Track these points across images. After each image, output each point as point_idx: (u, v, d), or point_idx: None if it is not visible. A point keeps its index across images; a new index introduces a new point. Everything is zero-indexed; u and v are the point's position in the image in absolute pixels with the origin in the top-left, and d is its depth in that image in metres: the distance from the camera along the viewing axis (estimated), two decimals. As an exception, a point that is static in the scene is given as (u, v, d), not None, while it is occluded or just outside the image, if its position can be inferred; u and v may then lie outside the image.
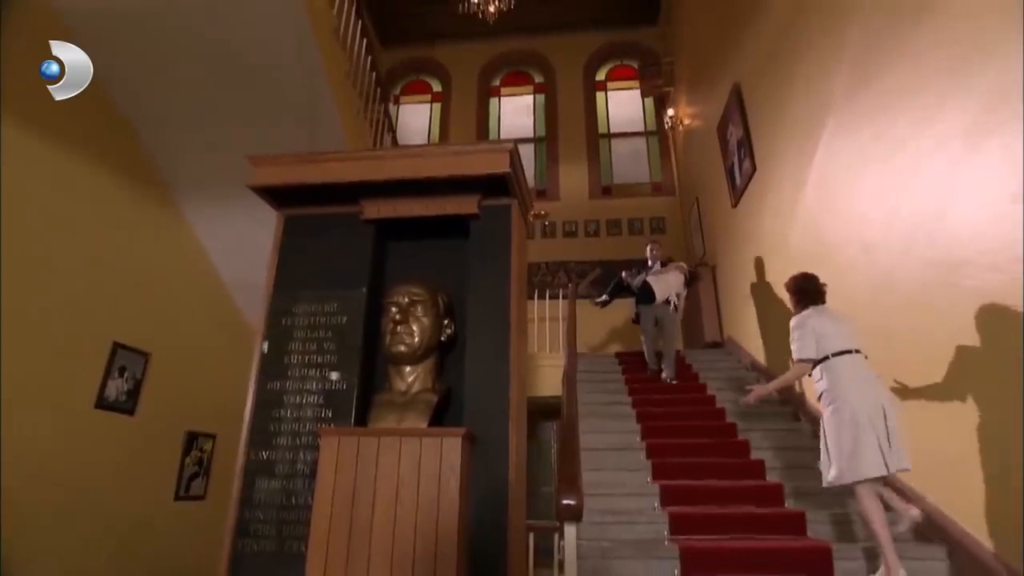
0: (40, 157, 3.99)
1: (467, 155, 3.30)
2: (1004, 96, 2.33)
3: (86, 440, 4.30)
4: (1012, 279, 2.30)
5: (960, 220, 2.66)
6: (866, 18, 3.47)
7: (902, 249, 3.15)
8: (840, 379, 2.87)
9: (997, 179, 2.41)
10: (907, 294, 3.11)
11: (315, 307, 3.21)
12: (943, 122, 2.77)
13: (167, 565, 4.95)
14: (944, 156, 2.77)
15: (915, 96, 3.02)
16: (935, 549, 2.82)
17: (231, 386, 5.86)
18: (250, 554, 2.82)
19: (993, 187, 2.44)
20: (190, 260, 5.45)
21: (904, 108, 3.14)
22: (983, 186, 2.51)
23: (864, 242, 3.54)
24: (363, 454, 2.60)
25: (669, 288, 5.52)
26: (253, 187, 3.23)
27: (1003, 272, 2.36)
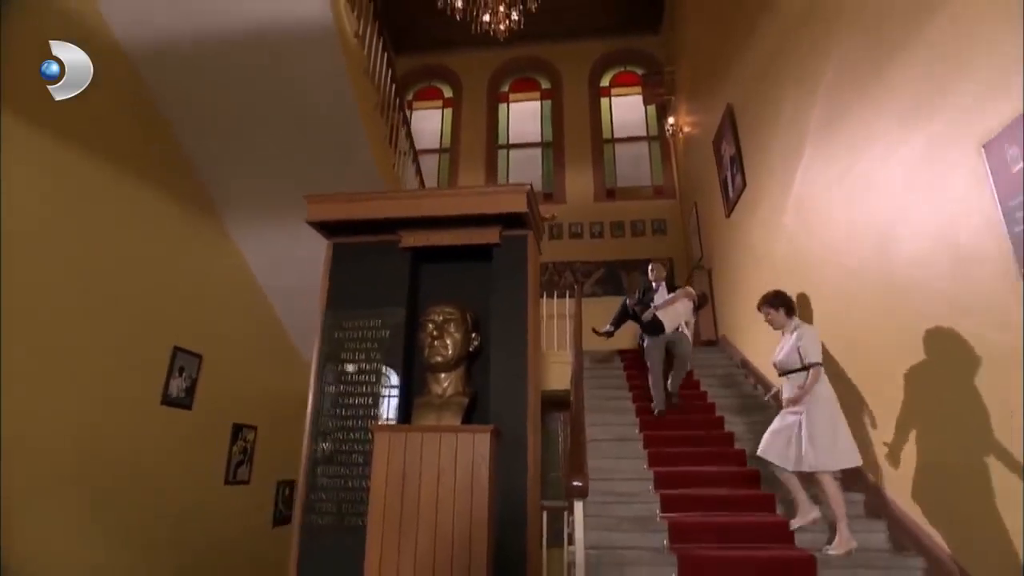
0: (112, 188, 4.56)
1: (491, 195, 3.91)
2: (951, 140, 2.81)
3: (154, 432, 4.92)
4: (948, 301, 2.84)
5: (908, 246, 3.19)
6: (838, 64, 3.98)
7: (861, 269, 3.70)
8: (823, 382, 3.43)
9: (938, 213, 2.93)
10: (863, 310, 3.66)
11: (361, 323, 3.79)
12: (897, 163, 3.30)
13: (219, 538, 5.62)
14: (898, 191, 3.29)
15: (875, 138, 3.54)
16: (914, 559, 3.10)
17: (268, 383, 6.54)
18: (316, 527, 3.42)
19: (935, 219, 2.96)
20: (234, 272, 6.04)
21: (866, 148, 3.66)
22: (927, 219, 3.03)
23: (833, 261, 4.09)
24: (410, 447, 3.20)
25: (678, 317, 5.32)
26: (309, 222, 3.79)
27: (939, 293, 2.90)
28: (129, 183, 4.71)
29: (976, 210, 2.56)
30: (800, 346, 3.49)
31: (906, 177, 3.18)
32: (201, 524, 5.43)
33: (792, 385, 3.53)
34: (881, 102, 3.41)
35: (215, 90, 4.85)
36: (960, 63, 2.70)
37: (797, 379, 3.51)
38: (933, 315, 2.94)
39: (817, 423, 3.30)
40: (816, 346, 3.49)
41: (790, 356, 3.56)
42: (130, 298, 4.70)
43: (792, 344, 3.56)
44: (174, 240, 5.21)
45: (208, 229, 5.68)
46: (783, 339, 3.73)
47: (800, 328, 3.64)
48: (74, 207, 4.22)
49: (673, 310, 5.32)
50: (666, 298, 5.44)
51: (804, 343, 3.49)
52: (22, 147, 3.83)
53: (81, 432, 4.23)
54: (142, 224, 4.85)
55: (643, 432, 4.87)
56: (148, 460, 4.86)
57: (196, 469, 5.46)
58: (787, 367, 3.59)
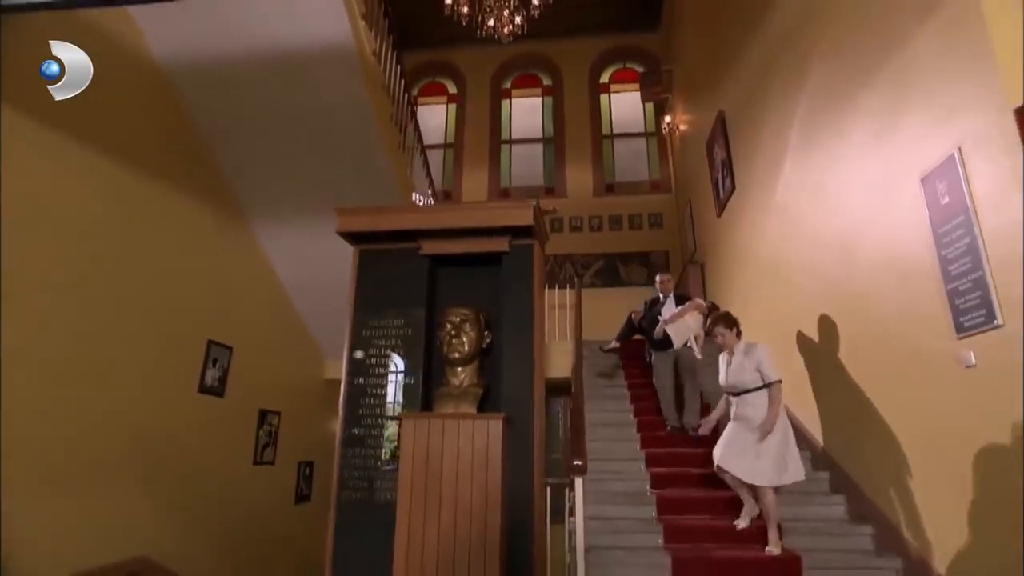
0: (152, 197, 5.00)
1: (502, 209, 4.40)
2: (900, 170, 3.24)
3: (192, 418, 5.41)
4: (897, 309, 3.30)
5: (866, 258, 3.64)
6: (814, 88, 4.40)
7: (828, 276, 4.15)
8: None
9: (888, 232, 3.37)
10: (831, 311, 4.13)
11: (386, 322, 4.27)
12: (858, 184, 3.73)
13: (250, 514, 6.15)
14: (858, 208, 3.74)
15: (843, 159, 3.97)
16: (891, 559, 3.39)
17: (289, 371, 7.03)
18: (350, 501, 3.93)
19: (886, 237, 3.41)
20: (258, 269, 6.50)
21: (834, 167, 4.10)
22: (880, 236, 3.47)
23: (807, 267, 4.54)
24: (432, 432, 3.70)
25: (687, 332, 5.10)
26: (339, 232, 4.23)
27: (890, 301, 3.36)
28: (165, 191, 5.16)
29: (916, 233, 3.01)
30: (760, 366, 3.60)
31: (864, 197, 3.63)
32: (234, 501, 5.96)
33: (747, 404, 3.63)
34: (849, 127, 3.84)
35: (243, 103, 5.27)
36: (909, 104, 3.13)
37: (755, 398, 3.60)
38: (885, 321, 3.41)
39: (774, 441, 3.48)
40: (774, 363, 3.63)
41: (747, 376, 3.64)
42: (169, 296, 5.17)
43: (745, 363, 3.65)
44: (205, 242, 5.66)
45: (235, 231, 6.13)
46: (730, 359, 3.79)
47: (755, 347, 3.71)
48: (118, 215, 4.68)
49: (683, 323, 5.06)
50: (674, 311, 5.19)
51: (764, 362, 3.60)
52: (73, 161, 4.27)
53: (132, 419, 4.73)
54: (177, 228, 5.29)
55: (637, 417, 5.36)
56: (188, 443, 5.37)
57: (229, 451, 5.98)
58: (745, 386, 3.66)
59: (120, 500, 4.59)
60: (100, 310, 4.46)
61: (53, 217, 4.11)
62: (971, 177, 2.61)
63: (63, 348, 4.14)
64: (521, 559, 3.61)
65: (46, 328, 4.02)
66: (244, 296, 6.25)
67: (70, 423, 4.17)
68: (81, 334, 4.28)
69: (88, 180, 4.39)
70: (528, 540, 3.66)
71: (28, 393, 3.85)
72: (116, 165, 4.61)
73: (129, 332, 4.71)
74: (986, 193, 2.54)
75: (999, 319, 2.47)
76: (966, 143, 2.65)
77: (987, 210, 2.54)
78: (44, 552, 3.94)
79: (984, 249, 2.54)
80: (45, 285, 4.02)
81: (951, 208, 2.73)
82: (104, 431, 4.46)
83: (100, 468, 4.42)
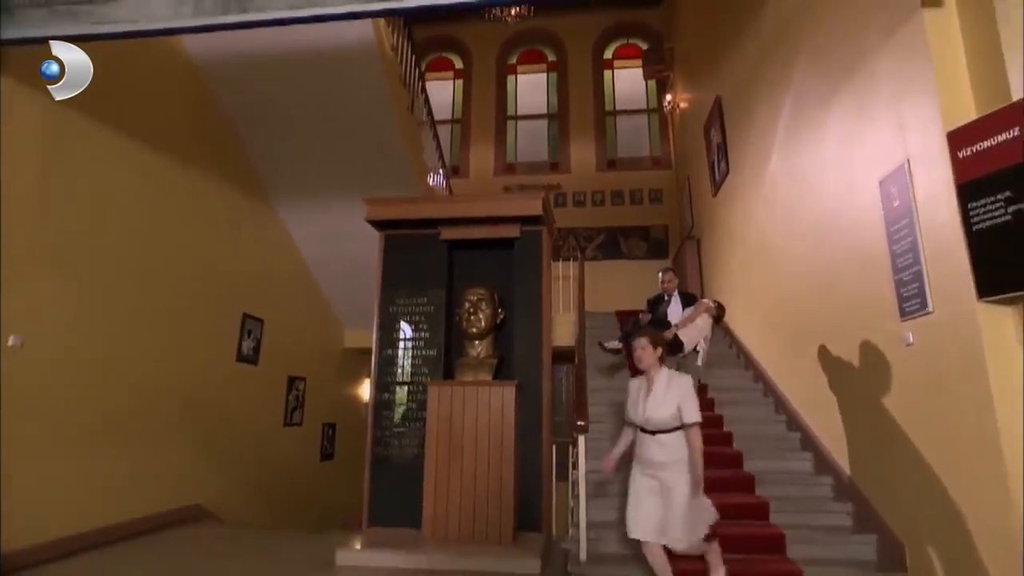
0: (195, 186, 5.47)
1: (513, 200, 4.90)
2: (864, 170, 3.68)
3: (232, 384, 6.00)
4: (860, 295, 3.79)
5: (837, 245, 4.11)
6: (798, 88, 4.80)
7: (806, 261, 4.64)
8: None
9: (853, 226, 3.84)
10: (809, 291, 4.63)
11: (410, 300, 4.79)
12: (831, 179, 4.18)
13: (283, 469, 6.83)
14: (830, 202, 4.20)
15: (820, 154, 4.41)
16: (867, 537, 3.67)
17: (313, 340, 7.59)
18: (382, 456, 4.52)
19: (851, 230, 3.87)
20: (283, 247, 7.00)
21: (812, 161, 4.54)
22: (846, 228, 3.94)
23: (790, 251, 5.02)
24: (455, 397, 4.26)
25: (698, 335, 5.02)
26: (368, 220, 4.72)
27: (854, 288, 3.85)
28: (202, 179, 5.63)
29: (874, 228, 3.48)
30: (682, 403, 2.99)
31: (836, 191, 4.08)
32: (269, 458, 6.60)
33: (660, 446, 3.02)
34: (825, 127, 4.26)
35: (271, 95, 5.69)
36: (872, 113, 3.55)
37: (670, 440, 3.01)
38: (848, 302, 3.91)
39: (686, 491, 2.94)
40: (696, 402, 3.02)
41: (666, 411, 3.01)
42: (209, 274, 5.69)
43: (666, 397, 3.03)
44: (237, 223, 6.15)
45: (262, 212, 6.62)
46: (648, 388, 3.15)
47: (679, 379, 3.10)
48: (164, 201, 5.17)
49: (694, 327, 4.98)
50: (684, 314, 5.11)
51: (688, 399, 3.00)
52: (125, 154, 4.73)
53: (183, 386, 5.30)
54: (212, 212, 5.78)
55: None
56: (229, 407, 5.97)
57: (263, 414, 6.59)
58: (662, 425, 3.02)
59: (175, 457, 5.20)
60: (153, 289, 4.98)
61: (114, 204, 4.60)
62: (916, 186, 3.08)
63: (124, 324, 4.68)
64: (532, 505, 4.22)
65: (109, 305, 4.55)
66: (272, 272, 6.77)
67: (130, 391, 4.74)
68: (136, 310, 4.81)
69: (139, 171, 4.86)
70: (537, 489, 4.27)
71: (94, 367, 4.41)
72: (160, 156, 5.07)
73: (177, 308, 5.24)
74: (925, 201, 3.01)
75: (930, 306, 2.97)
76: (913, 156, 3.10)
77: (925, 215, 3.01)
78: (117, 499, 4.56)
79: (922, 248, 3.02)
80: (108, 265, 4.53)
81: (900, 210, 3.20)
82: (159, 398, 5.03)
83: (158, 430, 5.02)
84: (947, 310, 2.87)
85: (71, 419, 4.19)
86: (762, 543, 3.70)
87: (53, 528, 3.97)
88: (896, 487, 3.43)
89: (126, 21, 3.23)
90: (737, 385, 5.76)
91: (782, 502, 4.03)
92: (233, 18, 3.15)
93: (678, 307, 5.24)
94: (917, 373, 3.13)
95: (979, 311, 2.64)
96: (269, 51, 5.26)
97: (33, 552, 3.76)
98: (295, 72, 5.45)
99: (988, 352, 2.59)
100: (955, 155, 2.75)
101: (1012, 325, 2.61)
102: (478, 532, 4.03)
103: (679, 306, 5.24)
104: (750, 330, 6.25)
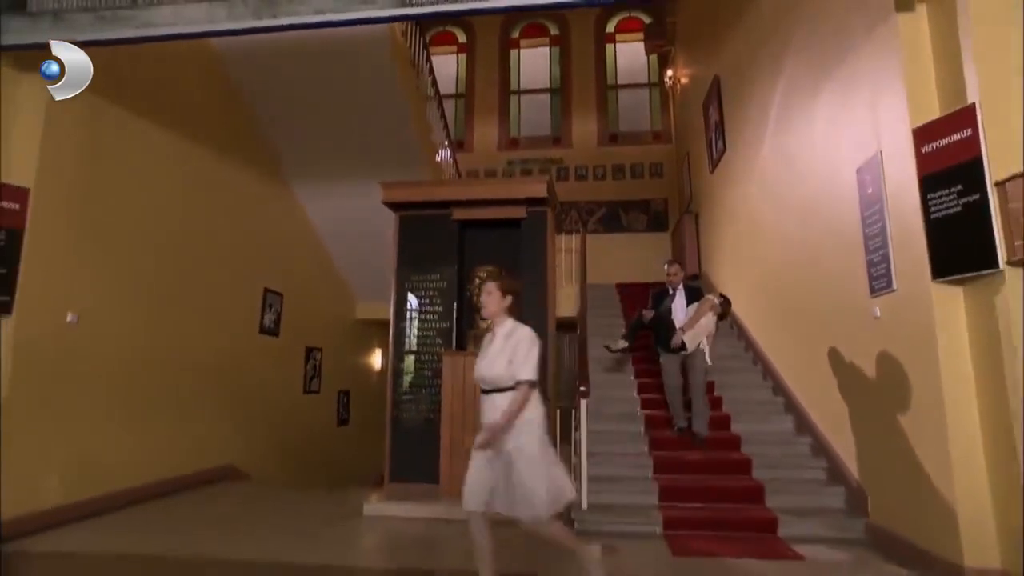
0: (215, 167, 5.78)
1: (520, 183, 5.23)
2: (844, 158, 3.99)
3: (257, 354, 6.43)
4: (840, 271, 4.13)
5: (819, 227, 4.45)
6: (789, 76, 5.06)
7: (793, 238, 4.97)
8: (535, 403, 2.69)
9: (833, 208, 4.17)
10: (793, 267, 4.98)
11: (425, 276, 5.17)
12: (817, 163, 4.49)
13: (304, 433, 7.31)
14: (815, 184, 4.51)
15: (811, 138, 4.70)
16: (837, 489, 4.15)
17: (327, 313, 7.99)
18: (402, 418, 4.95)
19: (832, 212, 4.20)
20: (299, 224, 7.34)
21: (802, 147, 4.83)
22: (828, 210, 4.27)
23: (779, 229, 5.35)
24: (468, 366, 4.63)
25: (701, 333, 4.86)
26: (384, 202, 5.06)
27: (834, 264, 4.20)
28: (224, 161, 5.94)
29: (851, 210, 3.80)
30: (514, 356, 2.61)
31: (821, 174, 4.39)
32: (291, 423, 7.08)
33: (495, 407, 2.62)
34: (814, 112, 4.54)
35: (288, 83, 5.97)
36: (852, 104, 3.84)
37: (503, 401, 2.60)
38: (828, 277, 4.27)
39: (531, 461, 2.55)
40: (533, 357, 2.61)
41: (500, 367, 2.63)
42: (232, 252, 6.06)
43: (502, 350, 2.66)
44: (256, 203, 6.49)
45: (279, 191, 6.95)
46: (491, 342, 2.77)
47: (518, 330, 2.71)
48: (192, 184, 5.50)
49: (699, 326, 4.85)
50: (688, 314, 4.92)
51: (520, 352, 2.61)
52: (156, 144, 5.04)
53: (213, 358, 5.73)
54: (234, 192, 6.11)
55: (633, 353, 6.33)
56: (255, 375, 6.40)
57: (284, 382, 7.04)
58: (499, 383, 2.63)
59: (209, 422, 5.65)
60: (185, 268, 5.34)
61: (149, 190, 4.93)
62: (886, 175, 3.40)
63: (160, 301, 5.06)
64: (537, 462, 4.64)
65: (148, 284, 4.93)
66: (289, 249, 7.12)
67: (168, 363, 5.15)
68: (171, 288, 5.19)
69: (171, 158, 5.18)
70: (542, 448, 4.69)
71: (134, 341, 4.81)
72: (188, 143, 5.37)
73: (206, 284, 5.62)
74: (893, 190, 3.33)
75: (894, 285, 3.33)
76: (885, 148, 3.42)
77: (893, 203, 3.34)
78: (162, 459, 5.02)
79: (889, 232, 3.36)
80: (145, 247, 4.89)
81: (873, 196, 3.53)
82: (194, 369, 5.45)
83: (193, 397, 5.45)
84: (908, 289, 3.22)
85: (121, 388, 4.63)
86: (744, 495, 4.14)
87: (111, 483, 4.43)
88: (862, 445, 3.85)
89: (165, 25, 3.52)
90: (729, 353, 6.15)
91: (764, 459, 4.47)
92: (265, 22, 3.44)
93: (683, 302, 5.05)
94: (882, 344, 3.51)
95: (933, 290, 3.00)
96: (287, 41, 5.50)
97: (93, 503, 4.23)
98: (310, 60, 5.70)
99: (938, 326, 2.96)
100: (919, 150, 3.07)
101: (960, 304, 2.97)
102: (489, 486, 4.47)
103: (684, 301, 5.05)
104: (742, 301, 6.60)
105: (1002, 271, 2.70)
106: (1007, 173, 2.69)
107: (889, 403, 3.47)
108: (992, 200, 2.74)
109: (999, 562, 2.73)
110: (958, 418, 2.89)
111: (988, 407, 2.84)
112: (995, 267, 2.71)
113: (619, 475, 4.49)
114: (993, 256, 2.71)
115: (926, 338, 3.04)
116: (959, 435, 2.89)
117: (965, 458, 2.87)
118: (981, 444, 2.85)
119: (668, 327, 4.93)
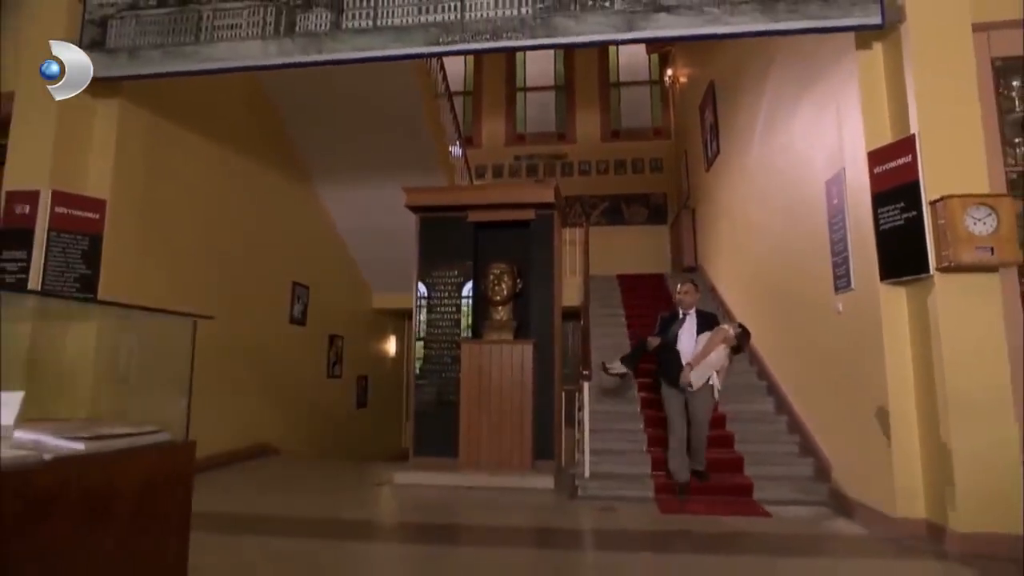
0: (248, 168, 6.34)
1: (529, 188, 5.79)
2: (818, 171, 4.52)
3: (288, 342, 7.03)
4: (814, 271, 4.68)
5: (799, 229, 4.99)
6: (774, 87, 5.56)
7: (775, 238, 5.51)
8: None
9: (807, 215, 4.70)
10: (777, 266, 5.53)
11: (444, 272, 5.72)
12: (795, 174, 5.02)
13: (328, 415, 7.94)
14: (793, 193, 5.04)
15: (792, 149, 5.22)
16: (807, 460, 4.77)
17: (347, 303, 8.58)
18: (423, 401, 5.53)
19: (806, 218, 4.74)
20: (322, 221, 7.91)
21: (783, 156, 5.35)
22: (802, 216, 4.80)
23: (765, 230, 5.89)
24: (483, 353, 5.24)
25: (709, 369, 4.19)
26: (407, 205, 5.61)
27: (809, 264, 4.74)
28: (256, 163, 6.49)
29: (821, 218, 4.35)
30: None
31: (798, 184, 4.93)
32: (317, 406, 7.71)
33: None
34: (794, 124, 5.07)
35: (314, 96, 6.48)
36: (824, 121, 4.36)
37: None
38: (802, 276, 4.83)
39: None
40: None
41: None
42: (264, 248, 6.64)
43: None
44: (284, 201, 7.07)
45: (303, 190, 7.52)
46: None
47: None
48: (229, 186, 6.06)
49: (708, 362, 4.18)
50: (697, 348, 4.25)
51: None
52: (198, 153, 5.59)
53: (250, 344, 6.32)
54: (264, 192, 6.69)
55: (632, 341, 6.90)
56: (286, 362, 7.01)
57: (311, 368, 7.66)
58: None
59: (246, 403, 6.26)
60: (223, 263, 5.92)
61: (192, 194, 5.50)
62: (847, 189, 3.94)
63: (201, 293, 5.63)
64: (546, 438, 5.26)
65: (191, 277, 5.51)
66: (313, 244, 7.71)
67: (212, 350, 5.71)
68: (210, 281, 5.76)
69: (211, 165, 5.74)
70: (550, 426, 5.30)
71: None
72: (225, 149, 5.93)
73: (242, 278, 6.21)
74: (853, 203, 3.87)
75: (853, 284, 3.89)
76: (848, 165, 3.95)
77: (852, 213, 3.88)
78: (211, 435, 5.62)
79: (849, 239, 3.91)
80: (188, 245, 5.46)
81: (837, 207, 4.07)
82: (233, 355, 6.03)
83: (232, 381, 6.04)
84: (863, 288, 3.78)
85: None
86: (725, 465, 4.74)
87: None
88: (828, 422, 4.44)
89: (224, 59, 4.06)
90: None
91: (746, 434, 5.06)
92: (312, 58, 3.97)
93: (692, 329, 4.34)
94: (843, 335, 4.08)
95: (881, 290, 3.56)
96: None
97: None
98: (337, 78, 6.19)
99: (884, 321, 3.52)
100: (872, 170, 3.61)
101: (903, 302, 3.53)
102: (503, 460, 5.08)
103: (694, 328, 4.34)
104: (734, 294, 7.17)
105: (932, 276, 3.26)
106: (938, 195, 3.23)
107: (847, 385, 4.04)
108: (926, 217, 3.29)
109: (924, 513, 3.33)
110: (898, 395, 3.47)
111: (921, 387, 3.41)
112: (927, 272, 3.27)
113: (617, 448, 5.08)
114: (925, 263, 3.27)
115: (875, 330, 3.60)
116: (898, 410, 3.46)
117: (902, 429, 3.45)
118: (915, 418, 3.43)
119: (672, 357, 4.30)
